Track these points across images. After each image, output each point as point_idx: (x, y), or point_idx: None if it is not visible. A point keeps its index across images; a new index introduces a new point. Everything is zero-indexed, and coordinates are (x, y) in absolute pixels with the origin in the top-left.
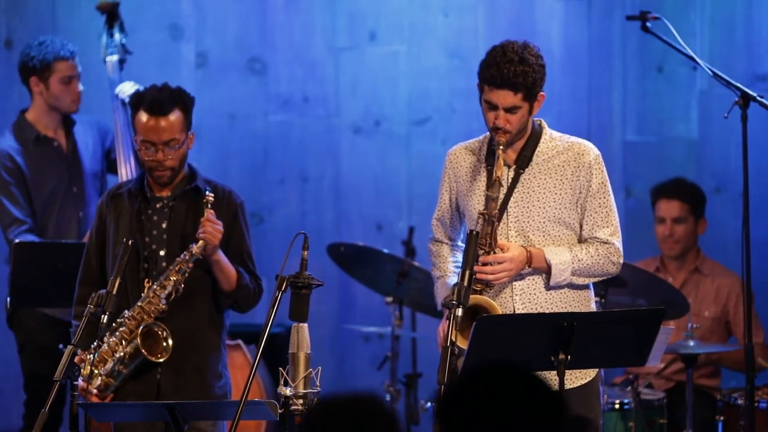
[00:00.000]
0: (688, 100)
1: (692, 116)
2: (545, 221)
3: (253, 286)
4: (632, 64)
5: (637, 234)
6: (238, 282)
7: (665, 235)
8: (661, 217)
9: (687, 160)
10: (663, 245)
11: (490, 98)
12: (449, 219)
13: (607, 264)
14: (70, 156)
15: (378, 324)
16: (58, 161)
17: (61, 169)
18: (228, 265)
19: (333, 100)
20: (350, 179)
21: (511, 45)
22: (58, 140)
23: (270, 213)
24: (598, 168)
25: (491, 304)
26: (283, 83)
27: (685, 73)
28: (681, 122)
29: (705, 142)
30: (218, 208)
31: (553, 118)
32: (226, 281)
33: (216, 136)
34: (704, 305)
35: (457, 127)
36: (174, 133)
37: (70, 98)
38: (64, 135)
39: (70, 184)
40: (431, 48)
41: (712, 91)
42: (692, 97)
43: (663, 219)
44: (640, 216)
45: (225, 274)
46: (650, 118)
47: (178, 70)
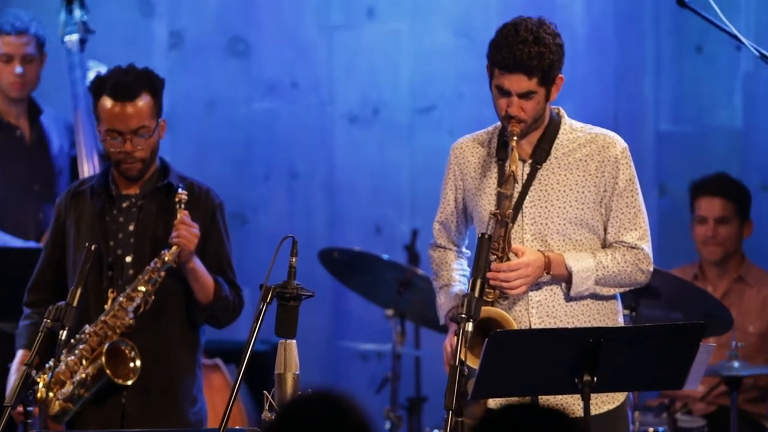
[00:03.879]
0: (731, 84)
1: (736, 103)
2: (565, 223)
3: (232, 297)
4: (667, 43)
5: (672, 238)
6: (216, 293)
7: (706, 237)
8: (701, 216)
9: (730, 152)
10: (703, 248)
11: (501, 83)
12: (454, 222)
13: (635, 272)
14: (34, 148)
15: (377, 341)
16: (20, 152)
17: (22, 161)
18: (205, 273)
19: (326, 86)
20: (345, 175)
21: (525, 22)
22: (21, 129)
23: (254, 213)
24: (626, 162)
25: (505, 317)
26: (269, 66)
27: (727, 53)
28: (723, 109)
29: (750, 132)
30: (194, 208)
31: (574, 105)
32: (203, 292)
33: (192, 126)
34: (749, 319)
35: (466, 115)
36: (143, 120)
37: (5, 80)
38: (28, 124)
39: (31, 180)
40: (437, 26)
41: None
42: (736, 80)
43: (704, 218)
44: (675, 217)
45: (201, 284)
46: (687, 105)
47: (148, 52)
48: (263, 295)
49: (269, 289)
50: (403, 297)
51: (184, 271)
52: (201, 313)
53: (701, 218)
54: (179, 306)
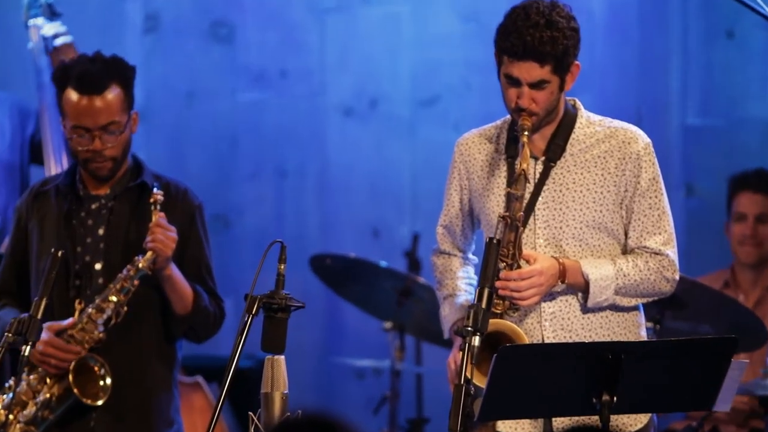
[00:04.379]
0: (766, 72)
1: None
2: (582, 227)
3: (213, 308)
4: (695, 27)
5: (701, 242)
6: (194, 303)
7: (744, 236)
8: (741, 213)
9: (764, 148)
10: (739, 249)
11: (510, 72)
12: (459, 226)
13: (659, 280)
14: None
15: (374, 356)
16: None
17: None
18: (182, 282)
19: (317, 75)
20: (339, 174)
21: (536, 4)
22: None
23: (238, 216)
24: (649, 160)
25: (516, 331)
26: (255, 53)
27: (762, 38)
28: (756, 101)
29: None
30: (170, 210)
31: (592, 96)
32: (180, 303)
33: (169, 119)
34: None
35: (473, 108)
36: (113, 115)
37: None
38: None
39: None
40: (441, 8)
41: None
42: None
43: (743, 215)
44: (704, 219)
45: (179, 293)
46: (717, 96)
47: (121, 37)
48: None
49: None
50: (403, 308)
51: (159, 279)
52: (178, 326)
53: (740, 215)
54: (154, 318)
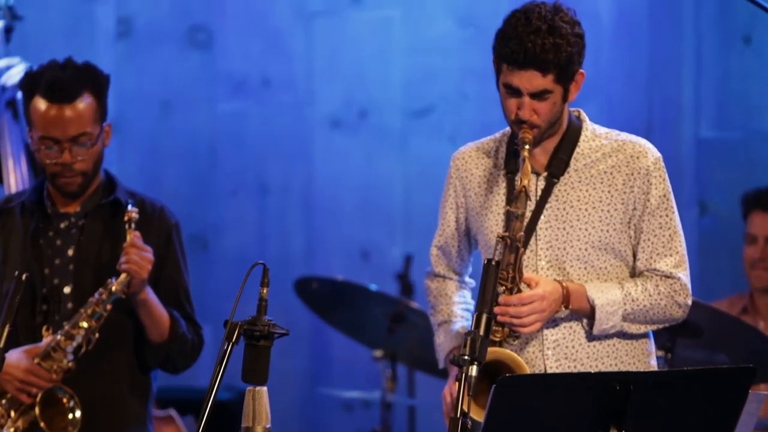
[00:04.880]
0: None
1: None
2: (587, 247)
3: (191, 336)
4: (709, 32)
5: (715, 264)
6: (171, 330)
7: (754, 259)
8: (752, 234)
9: None
10: (751, 272)
11: (510, 81)
12: (455, 246)
13: (670, 306)
14: None
15: (363, 387)
16: None
17: None
18: (159, 307)
19: (303, 84)
20: (326, 190)
21: (537, 9)
22: None
23: (217, 236)
24: (659, 176)
25: (516, 360)
26: (236, 60)
27: None
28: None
29: None
30: (146, 229)
31: (599, 107)
32: (156, 329)
33: (144, 131)
34: None
35: (470, 119)
36: (84, 126)
37: None
38: None
39: None
40: (435, 13)
41: None
42: None
43: (755, 237)
44: (719, 239)
45: (155, 319)
46: (733, 107)
47: (91, 42)
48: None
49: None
50: (394, 335)
51: (134, 303)
52: (154, 355)
53: (751, 237)
54: (127, 346)
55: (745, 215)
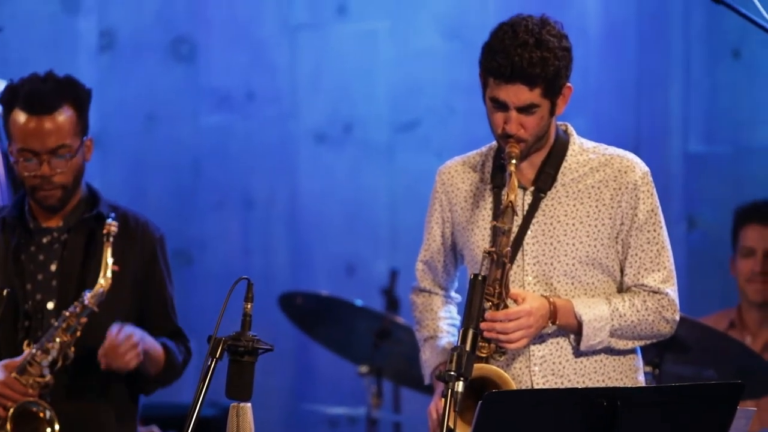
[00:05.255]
0: None
1: None
2: (575, 263)
3: (182, 356)
4: (698, 45)
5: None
6: (167, 363)
7: (753, 273)
8: (749, 247)
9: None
10: (747, 286)
11: (497, 95)
12: (441, 261)
13: (658, 321)
14: None
15: (348, 403)
16: None
17: None
18: (154, 349)
19: (288, 97)
20: (311, 204)
21: (524, 22)
22: None
23: (201, 251)
24: (647, 190)
25: (502, 376)
26: (220, 73)
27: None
28: (764, 126)
29: None
30: (130, 243)
31: (586, 121)
32: (154, 368)
33: (127, 144)
34: None
35: (457, 133)
36: (64, 138)
37: None
38: None
39: None
40: (422, 25)
41: None
42: None
43: (751, 250)
44: (708, 255)
45: (153, 362)
46: (722, 122)
47: (74, 55)
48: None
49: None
50: (380, 351)
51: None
52: (149, 386)
53: (748, 250)
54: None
55: (739, 229)
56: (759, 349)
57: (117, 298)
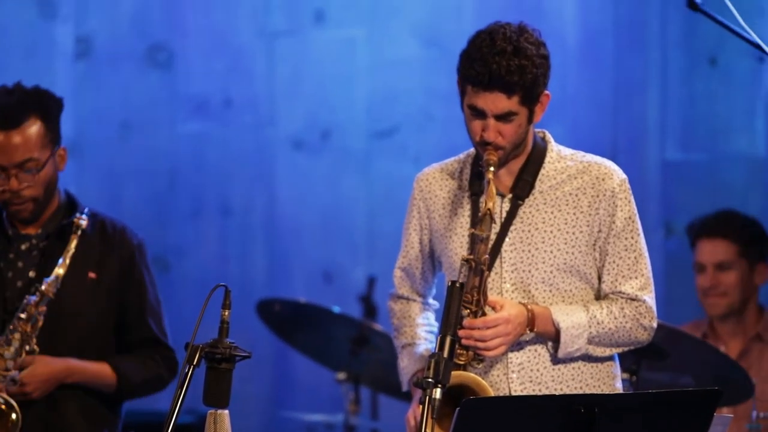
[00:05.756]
0: (752, 103)
1: (757, 126)
2: (552, 270)
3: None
4: (675, 53)
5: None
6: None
7: (705, 288)
8: (700, 263)
9: (750, 185)
10: (704, 301)
11: (475, 103)
12: (419, 268)
13: (635, 329)
14: None
15: (326, 410)
16: None
17: None
18: (97, 377)
19: (265, 104)
20: (288, 212)
21: (502, 30)
22: None
23: (178, 258)
24: (625, 197)
25: (480, 383)
26: (197, 80)
27: (747, 66)
28: (741, 134)
29: None
30: (107, 250)
31: (564, 128)
32: (105, 389)
33: (103, 152)
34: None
35: (434, 140)
36: (31, 152)
37: None
38: None
39: None
40: (399, 33)
41: None
42: (757, 99)
43: (703, 266)
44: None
45: (98, 386)
46: (699, 129)
47: (50, 62)
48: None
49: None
50: (357, 358)
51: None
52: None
53: (700, 266)
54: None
55: (693, 244)
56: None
57: (93, 306)
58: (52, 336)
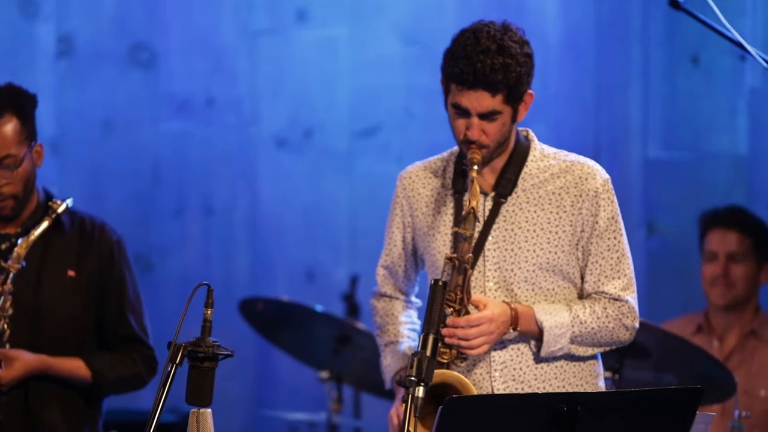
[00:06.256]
0: (735, 102)
1: (739, 124)
2: (535, 269)
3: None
4: (657, 52)
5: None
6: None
7: (716, 276)
8: (712, 251)
9: (732, 184)
10: (711, 290)
11: (459, 101)
12: (402, 267)
13: (618, 329)
14: None
15: (309, 409)
16: None
17: None
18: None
19: (248, 103)
20: (271, 211)
21: (486, 28)
22: None
23: (161, 257)
24: (607, 197)
25: (463, 382)
26: (179, 79)
27: (729, 64)
28: (723, 132)
29: (757, 159)
30: (86, 247)
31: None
32: (80, 383)
33: (85, 151)
34: (760, 382)
35: (417, 139)
36: (7, 148)
37: None
38: None
39: None
40: (381, 31)
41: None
42: (739, 97)
43: (715, 254)
44: (668, 260)
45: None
46: (681, 128)
47: (31, 61)
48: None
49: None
50: (340, 356)
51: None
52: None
53: (711, 254)
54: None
55: (703, 234)
56: (727, 353)
57: (73, 304)
58: (32, 334)
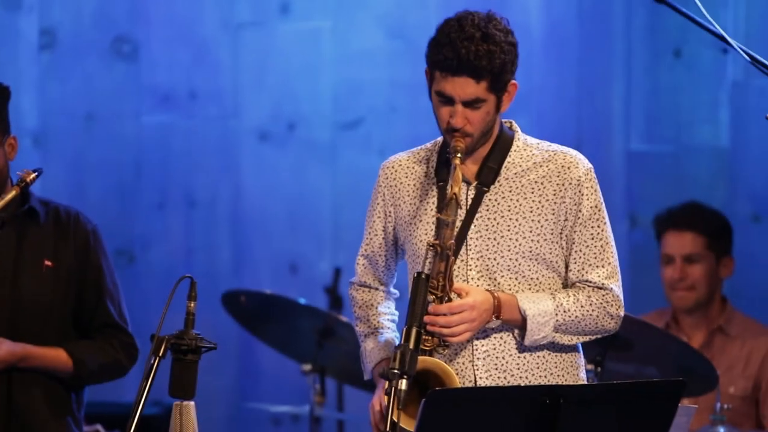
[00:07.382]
0: (717, 94)
1: (721, 117)
2: (518, 257)
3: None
4: (639, 46)
5: (647, 278)
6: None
7: (674, 279)
8: (668, 255)
9: (714, 177)
10: (671, 294)
11: (443, 89)
12: (382, 257)
13: (602, 317)
14: None
15: (292, 401)
16: None
17: None
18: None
19: (230, 96)
20: (254, 203)
21: (471, 17)
22: None
23: (143, 250)
24: (591, 186)
25: (445, 369)
26: (162, 72)
27: (711, 57)
28: (705, 125)
29: (739, 152)
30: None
31: (530, 119)
32: (61, 373)
33: (67, 144)
34: (730, 378)
35: (400, 132)
36: None
37: None
38: None
39: None
40: (365, 24)
41: (748, 83)
42: (721, 90)
43: (671, 257)
44: (650, 253)
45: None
46: (663, 120)
47: (14, 53)
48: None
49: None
50: (323, 349)
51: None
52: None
53: (668, 257)
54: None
55: (659, 236)
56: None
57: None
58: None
